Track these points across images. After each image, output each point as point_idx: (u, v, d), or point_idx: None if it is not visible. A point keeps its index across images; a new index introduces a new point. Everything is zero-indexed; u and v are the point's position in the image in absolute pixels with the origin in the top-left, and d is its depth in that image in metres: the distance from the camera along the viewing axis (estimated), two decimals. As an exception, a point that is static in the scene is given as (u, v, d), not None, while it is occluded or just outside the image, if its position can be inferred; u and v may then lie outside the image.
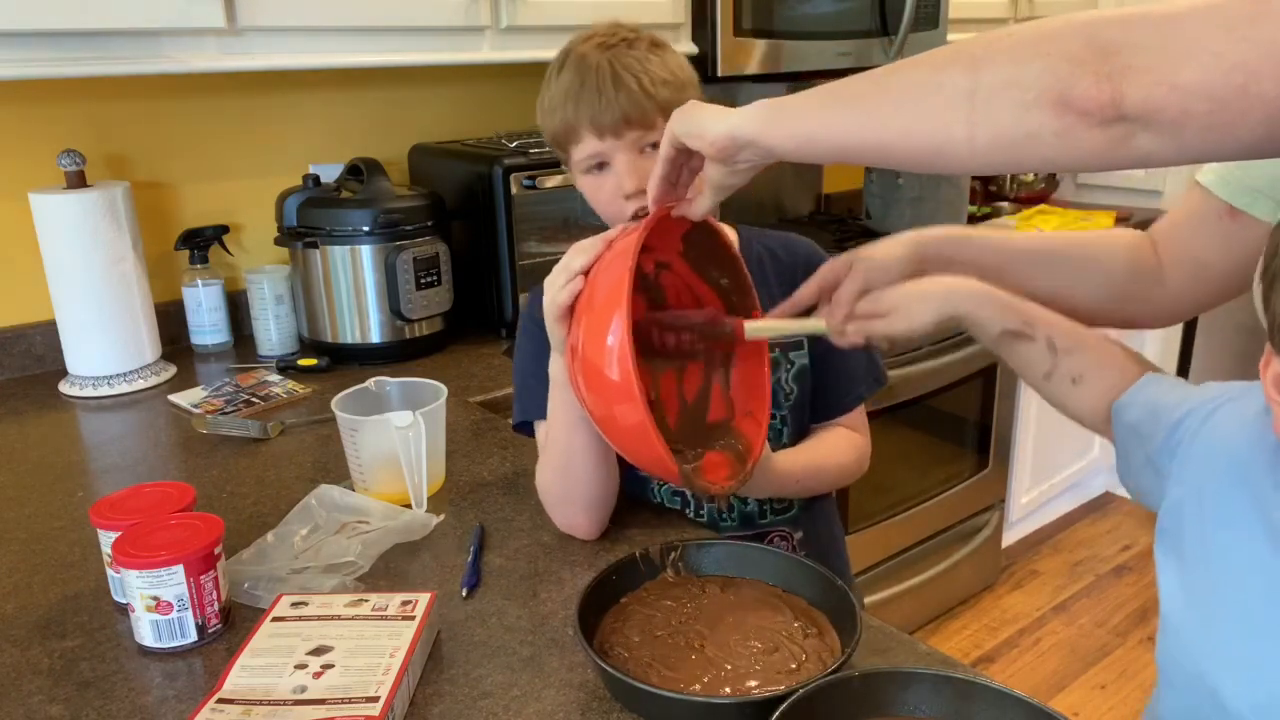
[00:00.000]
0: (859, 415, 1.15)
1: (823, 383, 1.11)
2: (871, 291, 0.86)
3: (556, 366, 0.95)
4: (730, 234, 1.13)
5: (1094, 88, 0.56)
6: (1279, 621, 0.63)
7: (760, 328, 0.90)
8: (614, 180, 1.01)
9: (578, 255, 0.87)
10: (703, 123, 0.76)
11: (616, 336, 0.78)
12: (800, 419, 1.12)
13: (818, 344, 1.10)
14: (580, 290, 0.85)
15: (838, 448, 1.12)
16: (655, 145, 0.99)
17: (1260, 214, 0.85)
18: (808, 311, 0.92)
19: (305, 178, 1.69)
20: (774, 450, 1.05)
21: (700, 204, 0.83)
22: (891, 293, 0.85)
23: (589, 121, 0.99)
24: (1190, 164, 0.61)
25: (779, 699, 0.69)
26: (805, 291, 0.90)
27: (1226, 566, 0.66)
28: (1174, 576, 0.71)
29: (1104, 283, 0.93)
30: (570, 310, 0.86)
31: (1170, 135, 0.55)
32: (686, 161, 0.82)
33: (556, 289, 0.87)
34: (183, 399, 1.49)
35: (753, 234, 1.15)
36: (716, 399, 0.98)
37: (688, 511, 1.12)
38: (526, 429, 1.10)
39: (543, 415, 1.03)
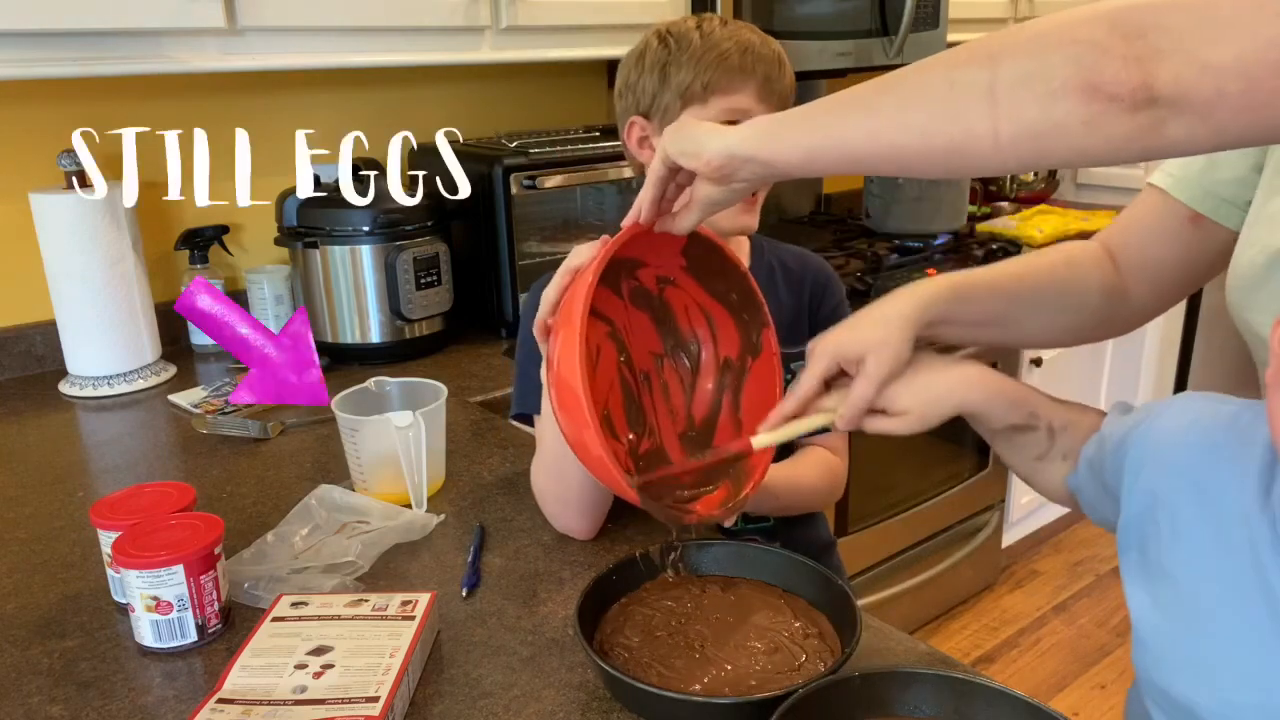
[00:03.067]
0: (839, 438, 1.14)
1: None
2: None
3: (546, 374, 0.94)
4: (742, 243, 1.13)
5: (1122, 71, 0.54)
6: (1236, 626, 0.62)
7: (767, 440, 0.84)
8: None
9: (559, 278, 0.85)
10: (698, 141, 0.74)
11: (580, 362, 0.76)
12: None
13: None
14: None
15: (815, 467, 1.12)
16: None
17: (1223, 220, 0.84)
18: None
19: (305, 178, 1.69)
20: None
21: (685, 220, 0.80)
22: (904, 395, 0.80)
23: (762, 79, 1.01)
24: (1228, 149, 0.60)
25: (779, 699, 0.69)
26: (807, 388, 0.83)
27: (1186, 577, 0.66)
28: (1141, 592, 0.70)
29: (1083, 311, 0.91)
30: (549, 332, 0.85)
31: (1204, 118, 0.53)
32: (673, 178, 0.80)
33: (543, 311, 0.86)
34: (183, 399, 1.49)
35: (767, 244, 1.15)
36: (725, 421, 0.96)
37: None
38: (525, 418, 1.10)
39: (539, 410, 1.03)
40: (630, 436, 0.92)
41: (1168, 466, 0.68)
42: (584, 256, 0.85)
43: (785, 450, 1.12)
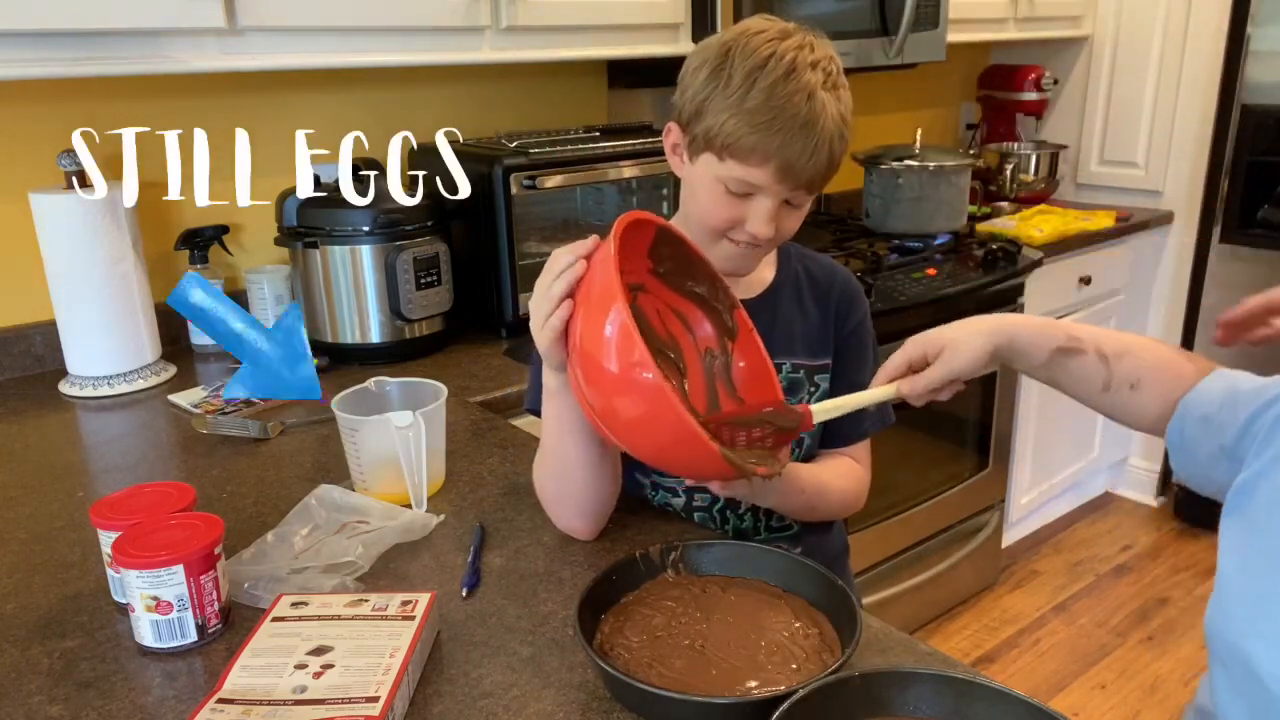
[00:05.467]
0: (863, 449, 1.15)
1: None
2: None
3: (550, 379, 0.94)
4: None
5: None
6: None
7: (827, 408, 0.90)
8: (740, 210, 0.98)
9: (558, 280, 0.84)
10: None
11: (616, 324, 0.78)
12: (813, 445, 1.13)
13: (836, 372, 1.11)
14: (570, 313, 0.84)
15: (843, 474, 1.12)
16: (787, 202, 0.99)
17: None
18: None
19: (305, 178, 1.69)
20: None
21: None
22: (941, 335, 0.90)
23: (779, 163, 0.93)
24: None
25: (779, 699, 0.69)
26: (894, 366, 0.93)
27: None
28: (1236, 548, 0.74)
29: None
30: (564, 333, 0.85)
31: None
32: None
33: (543, 318, 0.85)
34: (183, 399, 1.49)
35: (795, 251, 1.15)
36: (726, 404, 0.97)
37: (683, 514, 1.12)
38: (536, 413, 1.09)
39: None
40: None
41: None
42: (571, 255, 0.84)
43: (809, 458, 1.13)
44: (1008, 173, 2.88)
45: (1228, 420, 0.80)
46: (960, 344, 0.90)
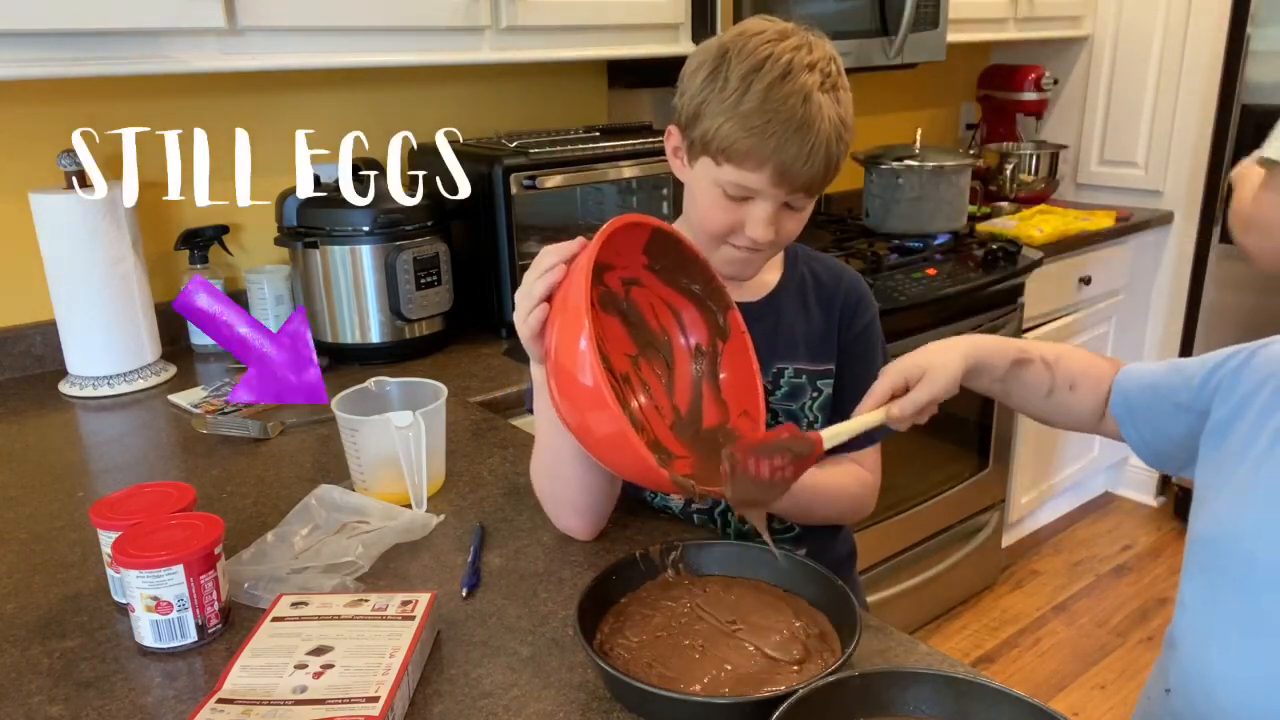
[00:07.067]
0: (872, 454, 1.13)
1: (843, 416, 1.09)
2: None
3: (537, 371, 0.94)
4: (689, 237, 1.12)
5: None
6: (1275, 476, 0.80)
7: (835, 434, 0.90)
8: (739, 214, 0.97)
9: (539, 280, 0.85)
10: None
11: (588, 342, 0.78)
12: None
13: (842, 378, 1.10)
14: (549, 311, 0.85)
15: (845, 478, 1.10)
16: (787, 205, 0.98)
17: None
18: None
19: (305, 178, 1.69)
20: None
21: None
22: (918, 360, 0.94)
23: (775, 166, 0.92)
24: None
25: (779, 699, 0.69)
26: (880, 393, 0.93)
27: (1265, 452, 0.81)
28: (1214, 463, 0.87)
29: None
30: (541, 330, 0.86)
31: None
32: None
33: (523, 315, 0.86)
34: (183, 399, 1.49)
35: (802, 253, 1.14)
36: (709, 404, 0.98)
37: (681, 516, 1.11)
38: None
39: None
40: None
41: (1270, 381, 0.84)
42: (556, 257, 0.85)
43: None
44: (1008, 173, 2.88)
45: (1178, 382, 0.93)
46: (938, 368, 0.94)
